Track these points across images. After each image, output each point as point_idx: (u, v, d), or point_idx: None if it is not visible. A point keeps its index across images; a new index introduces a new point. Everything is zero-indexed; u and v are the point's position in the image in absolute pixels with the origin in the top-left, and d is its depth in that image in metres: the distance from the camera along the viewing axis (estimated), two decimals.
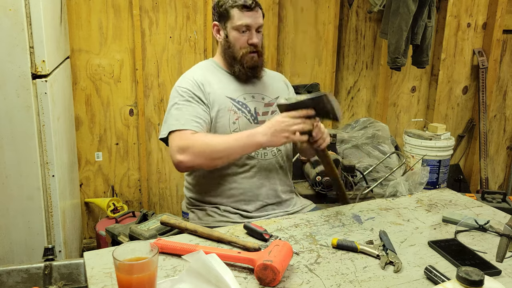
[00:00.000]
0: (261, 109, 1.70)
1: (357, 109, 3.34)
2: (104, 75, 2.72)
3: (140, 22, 2.69)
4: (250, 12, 1.62)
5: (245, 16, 1.62)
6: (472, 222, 1.44)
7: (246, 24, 1.62)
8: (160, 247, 1.27)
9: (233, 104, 1.66)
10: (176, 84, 1.68)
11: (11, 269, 1.42)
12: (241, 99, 1.68)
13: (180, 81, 1.68)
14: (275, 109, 1.70)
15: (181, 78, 1.69)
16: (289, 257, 1.17)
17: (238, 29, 1.63)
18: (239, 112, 1.65)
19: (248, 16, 1.62)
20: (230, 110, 1.64)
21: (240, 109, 1.66)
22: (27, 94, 1.84)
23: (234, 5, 1.62)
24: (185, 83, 1.65)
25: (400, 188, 1.74)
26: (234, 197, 1.66)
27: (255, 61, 1.67)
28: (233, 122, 1.64)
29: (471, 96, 3.59)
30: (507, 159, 3.83)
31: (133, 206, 2.94)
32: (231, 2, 1.63)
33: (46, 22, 1.90)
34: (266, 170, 1.67)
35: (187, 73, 1.72)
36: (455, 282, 0.88)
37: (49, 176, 1.95)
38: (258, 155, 1.66)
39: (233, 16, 1.63)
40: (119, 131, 2.81)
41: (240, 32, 1.63)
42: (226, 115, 1.64)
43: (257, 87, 1.73)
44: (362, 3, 3.14)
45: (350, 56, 3.23)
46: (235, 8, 1.62)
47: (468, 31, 3.41)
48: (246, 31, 1.64)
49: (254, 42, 1.64)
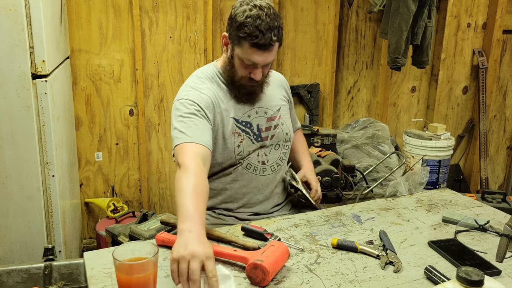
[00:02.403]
0: (263, 124, 1.62)
1: (357, 109, 3.34)
2: (104, 75, 2.72)
3: (140, 22, 2.69)
4: (262, 52, 1.42)
5: (255, 54, 1.42)
6: (472, 222, 1.44)
7: (254, 62, 1.45)
8: (162, 240, 1.28)
9: (237, 126, 1.56)
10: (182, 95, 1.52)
11: (11, 269, 1.42)
12: (245, 118, 1.58)
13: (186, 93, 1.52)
14: (277, 123, 1.65)
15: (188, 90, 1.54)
16: (284, 258, 1.17)
17: (243, 61, 1.46)
18: (243, 134, 1.57)
19: (258, 55, 1.43)
20: (235, 133, 1.56)
21: (244, 130, 1.58)
22: (27, 94, 1.84)
23: (248, 38, 1.40)
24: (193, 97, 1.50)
25: (400, 188, 1.74)
26: (230, 202, 1.65)
27: (253, 90, 1.56)
28: (238, 145, 1.56)
29: (471, 96, 3.59)
30: (507, 159, 3.83)
31: (133, 206, 2.94)
32: (246, 32, 1.39)
33: (46, 22, 1.90)
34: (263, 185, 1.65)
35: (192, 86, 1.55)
36: (455, 282, 0.88)
37: (49, 176, 1.95)
38: (257, 170, 1.61)
39: (242, 47, 1.43)
40: (119, 131, 2.81)
41: (245, 65, 1.47)
42: (231, 138, 1.55)
43: (260, 101, 1.63)
44: (362, 3, 3.14)
45: (350, 56, 3.23)
46: (247, 42, 1.41)
47: (468, 31, 3.41)
48: (251, 66, 1.47)
49: (256, 79, 1.50)
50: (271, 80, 1.69)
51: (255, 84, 1.53)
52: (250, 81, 1.52)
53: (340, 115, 3.32)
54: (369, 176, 2.55)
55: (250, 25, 1.39)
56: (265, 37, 1.40)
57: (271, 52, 1.45)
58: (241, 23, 1.40)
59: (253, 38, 1.39)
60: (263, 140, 1.61)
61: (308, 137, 2.67)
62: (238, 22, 1.41)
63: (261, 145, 1.61)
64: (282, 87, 1.76)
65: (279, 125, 1.65)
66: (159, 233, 1.31)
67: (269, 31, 1.40)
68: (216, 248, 1.22)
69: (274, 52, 1.47)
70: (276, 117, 1.66)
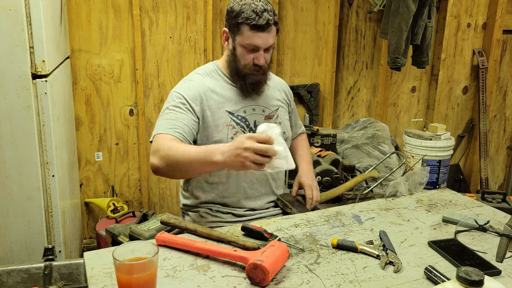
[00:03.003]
0: (261, 122, 1.65)
1: (357, 109, 3.34)
2: (104, 75, 2.72)
3: (140, 22, 2.69)
4: (261, 33, 1.51)
5: (255, 36, 1.51)
6: (472, 222, 1.44)
7: (255, 45, 1.53)
8: (162, 240, 1.28)
9: (231, 119, 1.60)
10: (174, 88, 1.62)
11: (11, 269, 1.42)
12: (241, 112, 1.62)
13: (178, 86, 1.62)
14: (274, 122, 1.67)
15: (181, 83, 1.63)
16: (284, 258, 1.18)
17: (246, 47, 1.54)
18: (237, 127, 1.60)
19: (258, 37, 1.51)
20: (229, 125, 1.59)
21: (239, 123, 1.61)
22: (27, 94, 1.84)
23: (246, 22, 1.50)
24: (182, 89, 1.59)
25: (400, 188, 1.74)
26: (226, 198, 1.65)
27: (258, 79, 1.60)
28: (231, 137, 1.59)
29: (471, 96, 3.59)
30: (507, 159, 3.83)
31: (133, 206, 2.94)
32: (244, 17, 1.50)
33: (46, 22, 1.90)
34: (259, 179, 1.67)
35: (187, 78, 1.65)
36: (455, 282, 0.88)
37: (49, 176, 1.95)
38: None
39: (243, 33, 1.52)
40: (119, 131, 2.81)
41: (247, 50, 1.55)
42: (224, 130, 1.58)
43: (258, 99, 1.68)
44: (362, 3, 3.14)
45: (350, 56, 3.23)
46: (246, 26, 1.50)
47: (468, 31, 3.41)
48: (254, 50, 1.55)
49: (260, 63, 1.56)
50: (272, 82, 1.74)
51: (259, 71, 1.59)
52: (254, 68, 1.57)
53: (340, 115, 3.32)
54: None
55: (246, 10, 1.50)
56: (262, 18, 1.50)
57: (270, 34, 1.53)
58: (238, 11, 1.52)
59: (251, 20, 1.50)
60: None
61: (308, 137, 2.66)
62: (235, 11, 1.53)
63: None
64: (282, 90, 1.80)
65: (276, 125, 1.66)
66: (159, 233, 1.31)
67: (265, 12, 1.51)
68: (216, 248, 1.22)
69: (273, 35, 1.55)
70: (274, 116, 1.69)
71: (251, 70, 1.58)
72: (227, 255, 1.19)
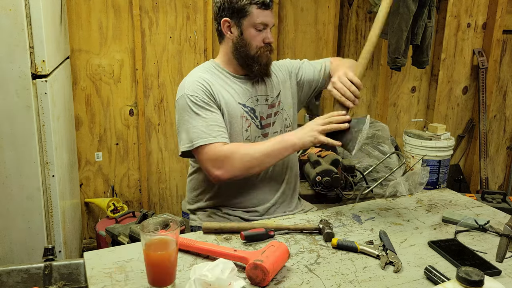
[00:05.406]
0: (265, 112, 1.66)
1: (357, 109, 3.34)
2: (104, 75, 2.72)
3: (140, 22, 2.69)
4: (268, 11, 1.59)
5: (264, 14, 1.58)
6: (472, 222, 1.44)
7: (265, 23, 1.59)
8: None
9: (244, 110, 1.62)
10: (184, 92, 1.56)
11: (11, 269, 1.42)
12: (249, 103, 1.64)
13: (188, 88, 1.56)
14: (277, 110, 1.69)
15: (188, 84, 1.58)
16: (284, 258, 1.18)
17: (256, 27, 1.58)
18: (250, 119, 1.62)
19: (267, 15, 1.59)
20: (243, 117, 1.61)
21: (250, 115, 1.63)
22: (27, 94, 1.84)
23: (253, 2, 1.56)
24: (195, 90, 1.56)
25: (400, 188, 1.74)
26: (234, 198, 1.65)
27: (269, 58, 1.65)
28: (246, 129, 1.60)
29: (471, 96, 3.58)
30: (507, 159, 3.83)
31: (133, 206, 2.94)
32: None
33: (46, 22, 1.90)
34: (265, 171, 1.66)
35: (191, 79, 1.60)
36: (455, 282, 0.88)
37: (49, 176, 1.95)
38: None
39: (252, 13, 1.57)
40: (119, 131, 2.81)
41: (257, 30, 1.59)
42: (238, 122, 1.60)
43: (260, 88, 1.68)
44: (362, 3, 3.14)
45: (350, 56, 3.22)
46: (254, 5, 1.56)
47: (468, 31, 3.41)
48: (263, 29, 1.60)
49: (271, 41, 1.62)
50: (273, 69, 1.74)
51: (270, 49, 1.64)
52: (266, 47, 1.62)
53: None
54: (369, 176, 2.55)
55: None
56: None
57: (272, 12, 1.63)
58: None
59: None
60: (264, 128, 1.66)
61: None
62: None
63: (262, 132, 1.66)
64: (279, 69, 1.77)
65: (280, 111, 1.70)
66: None
67: None
68: (216, 248, 1.22)
69: (273, 14, 1.68)
70: (276, 103, 1.70)
71: (263, 50, 1.61)
72: (227, 255, 1.19)
